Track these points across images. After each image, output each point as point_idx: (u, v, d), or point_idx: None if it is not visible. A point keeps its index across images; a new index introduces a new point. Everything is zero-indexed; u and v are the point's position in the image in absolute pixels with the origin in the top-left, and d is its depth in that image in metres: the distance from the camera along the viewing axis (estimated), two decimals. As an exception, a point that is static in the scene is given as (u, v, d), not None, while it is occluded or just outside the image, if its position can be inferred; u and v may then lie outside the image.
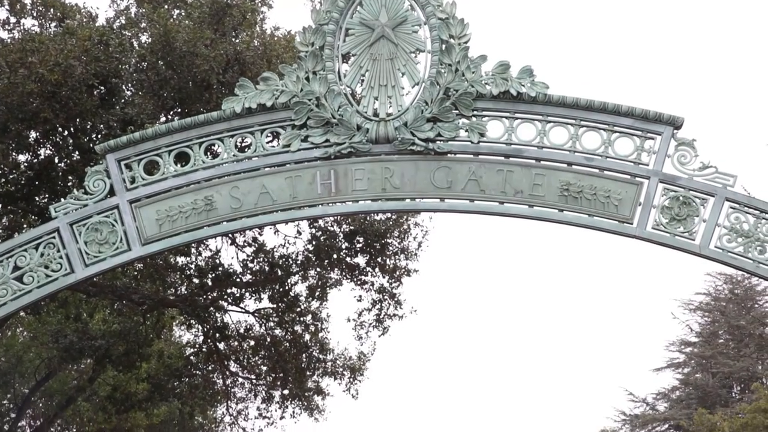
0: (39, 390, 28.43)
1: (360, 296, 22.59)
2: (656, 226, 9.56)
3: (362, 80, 9.91)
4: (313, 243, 21.23)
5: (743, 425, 42.29)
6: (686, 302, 71.89)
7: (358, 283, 22.35)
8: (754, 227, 9.46)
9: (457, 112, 9.77)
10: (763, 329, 64.95)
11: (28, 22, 17.84)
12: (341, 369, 24.40)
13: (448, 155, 9.84)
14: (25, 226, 18.47)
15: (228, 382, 24.49)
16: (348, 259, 21.65)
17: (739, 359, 64.48)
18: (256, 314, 22.74)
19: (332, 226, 21.12)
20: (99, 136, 16.84)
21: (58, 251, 9.84)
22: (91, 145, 16.06)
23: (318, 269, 22.30)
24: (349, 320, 23.00)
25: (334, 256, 21.41)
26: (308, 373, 24.07)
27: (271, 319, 22.90)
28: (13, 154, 17.62)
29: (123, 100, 16.96)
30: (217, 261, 21.42)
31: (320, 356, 23.97)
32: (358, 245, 21.34)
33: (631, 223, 9.60)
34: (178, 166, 10.01)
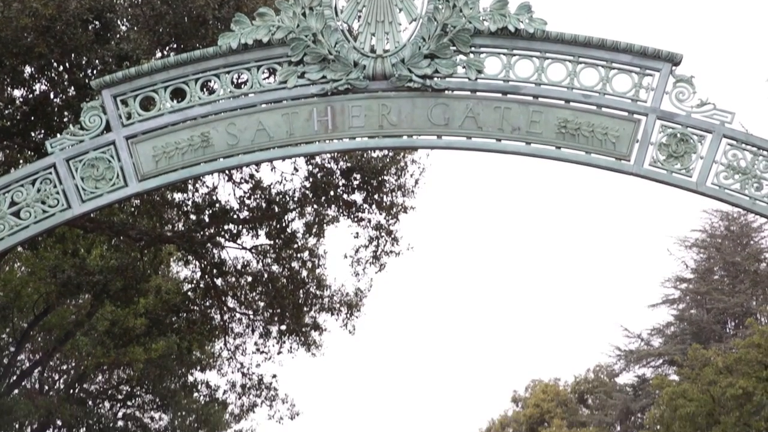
0: (37, 324, 28.59)
1: (357, 233, 22.67)
2: (653, 163, 9.55)
3: (359, 16, 9.84)
4: (310, 180, 21.21)
5: (737, 360, 42.66)
6: (682, 239, 72.07)
7: (355, 220, 22.39)
8: (752, 164, 9.46)
9: (454, 48, 9.70)
10: (758, 265, 65.32)
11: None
12: (338, 305, 24.54)
13: (446, 92, 9.79)
14: (21, 161, 18.45)
15: (225, 317, 24.62)
16: (345, 196, 21.64)
17: (734, 295, 65.02)
18: (253, 250, 22.80)
19: (329, 162, 21.08)
20: (94, 71, 16.71)
21: (55, 187, 9.83)
22: (87, 80, 15.94)
23: (315, 206, 22.32)
24: (345, 257, 23.10)
25: (331, 193, 21.41)
26: (305, 309, 24.21)
27: (268, 255, 22.96)
28: (9, 89, 17.52)
29: (118, 36, 16.80)
30: (214, 197, 21.40)
31: (317, 292, 24.09)
32: (355, 182, 21.32)
33: (628, 160, 9.58)
34: (174, 102, 9.97)
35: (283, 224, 22.16)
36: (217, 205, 21.33)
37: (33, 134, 18.09)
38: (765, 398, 40.69)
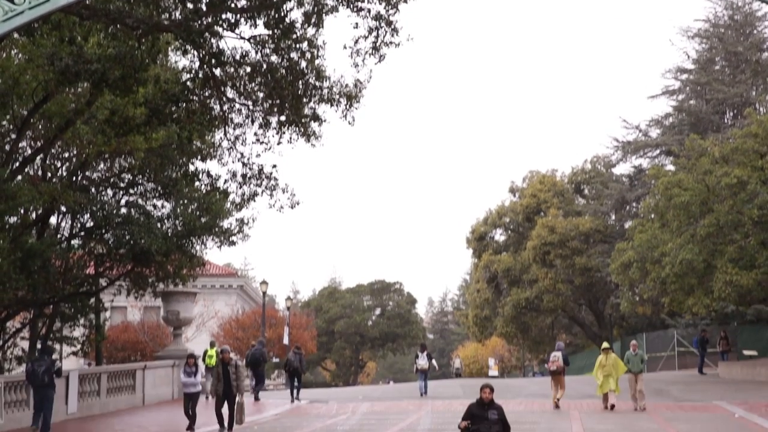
0: (37, 112, 28.64)
1: (356, 23, 22.37)
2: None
3: None
4: (309, -33, 20.78)
5: (733, 150, 43.15)
6: (685, 29, 71.19)
7: (354, 9, 22.06)
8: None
9: None
10: (760, 55, 64.85)
11: None
12: (337, 96, 24.46)
13: None
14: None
15: (225, 107, 24.60)
16: (344, -17, 21.25)
17: (734, 85, 64.93)
18: (251, 40, 22.56)
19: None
20: None
21: (49, -28, 9.68)
22: None
23: (313, -6, 21.94)
24: (345, 48, 22.89)
25: (330, -20, 21.01)
26: (304, 99, 24.15)
27: (267, 45, 22.73)
28: None
29: None
30: (211, -16, 20.99)
31: (316, 83, 23.96)
32: (355, -30, 20.90)
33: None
34: None
35: (282, 13, 21.81)
36: (214, -8, 20.94)
37: None
38: (759, 187, 41.37)
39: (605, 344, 32.22)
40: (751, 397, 34.02)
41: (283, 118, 24.71)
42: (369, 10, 21.89)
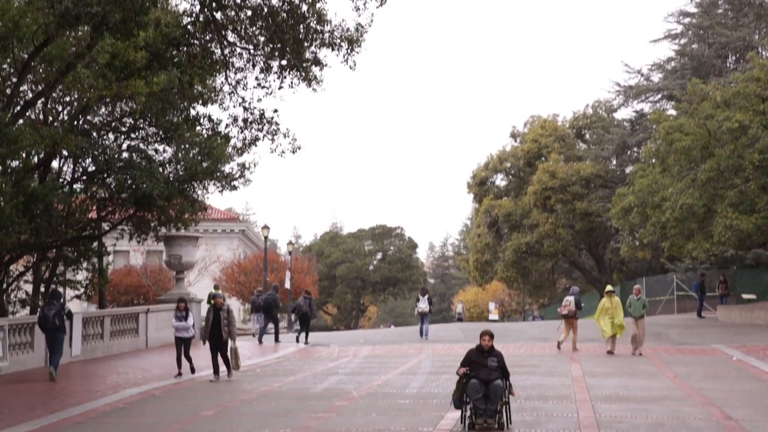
0: (38, 56, 28.56)
1: (358, -35, 22.28)
2: None
3: None
4: None
5: (735, 94, 43.06)
6: (688, -28, 70.34)
7: (356, -49, 21.96)
8: None
9: None
10: (764, -1, 64.18)
11: None
12: (338, 40, 24.36)
13: None
14: None
15: (226, 51, 24.51)
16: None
17: (737, 29, 64.54)
18: (252, -17, 22.47)
19: None
20: None
21: None
22: None
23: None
24: (346, -10, 22.76)
25: None
26: (306, 44, 24.05)
27: (267, -12, 22.64)
28: None
29: None
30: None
31: (317, 27, 23.84)
32: None
33: None
34: None
35: (283, -44, 21.72)
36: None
37: None
38: (760, 131, 41.34)
39: (609, 287, 32.17)
40: (749, 340, 34.32)
41: (284, 62, 24.63)
42: (371, -47, 21.80)
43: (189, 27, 23.28)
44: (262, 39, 24.14)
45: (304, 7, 23.19)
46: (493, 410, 16.43)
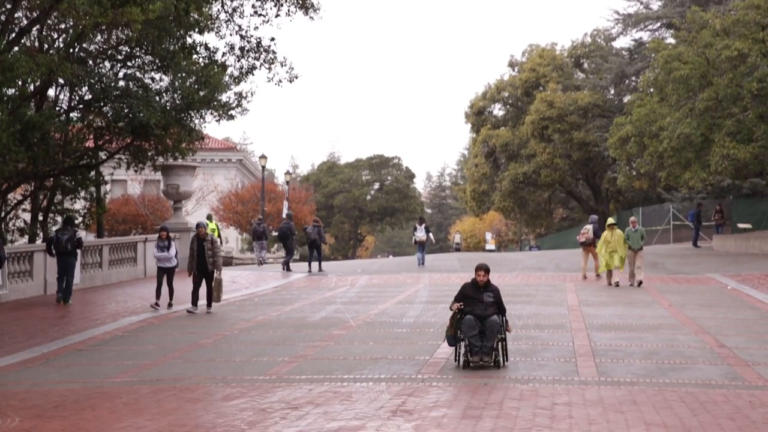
0: (32, -17, 28.25)
1: None
2: None
3: None
4: None
5: (735, 22, 42.74)
6: None
7: None
8: None
9: None
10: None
11: None
12: (336, -33, 24.13)
13: None
14: None
15: (222, -22, 24.30)
16: None
17: (738, -43, 63.64)
18: None
19: None
20: None
21: None
22: None
23: None
24: None
25: None
26: (303, -30, 23.85)
27: None
28: None
29: None
30: None
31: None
32: None
33: None
34: None
35: None
36: None
37: None
38: (759, 59, 41.13)
39: (610, 220, 31.58)
40: (744, 269, 34.54)
41: (281, -11, 24.42)
42: None
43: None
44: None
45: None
46: (489, 347, 15.79)
